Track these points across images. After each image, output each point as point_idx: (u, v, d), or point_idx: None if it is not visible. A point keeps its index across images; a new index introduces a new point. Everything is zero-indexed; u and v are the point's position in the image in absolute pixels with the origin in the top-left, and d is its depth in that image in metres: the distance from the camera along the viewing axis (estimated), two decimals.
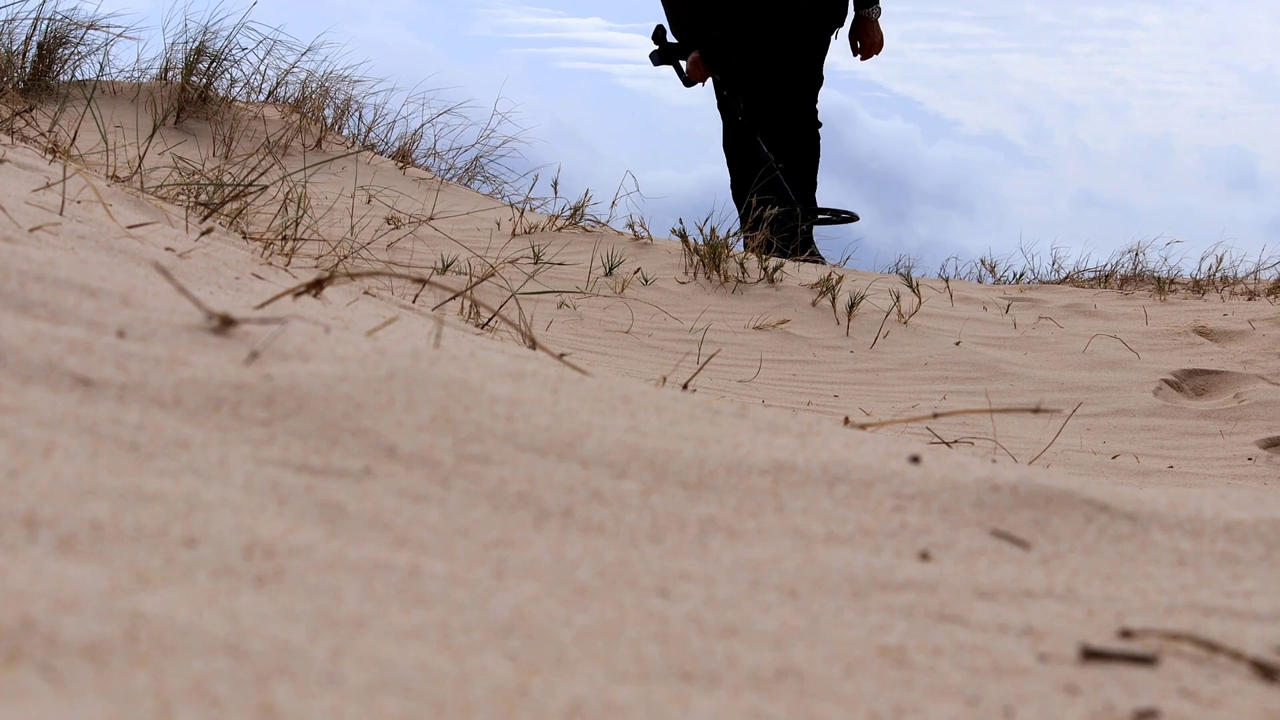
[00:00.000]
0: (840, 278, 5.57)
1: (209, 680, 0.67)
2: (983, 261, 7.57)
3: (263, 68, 7.37)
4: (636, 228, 6.11)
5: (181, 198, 3.29)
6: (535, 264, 5.28)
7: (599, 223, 6.25)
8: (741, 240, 6.70)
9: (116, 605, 0.74)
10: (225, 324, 1.38)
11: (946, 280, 6.54)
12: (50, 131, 3.65)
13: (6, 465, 0.93)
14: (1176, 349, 5.31)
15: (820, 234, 8.61)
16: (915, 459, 1.32)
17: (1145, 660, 0.93)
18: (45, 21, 6.61)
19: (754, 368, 4.51)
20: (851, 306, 5.25)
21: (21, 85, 6.39)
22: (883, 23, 7.38)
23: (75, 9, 8.81)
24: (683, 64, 7.37)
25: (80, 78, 6.78)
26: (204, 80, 6.81)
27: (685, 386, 2.21)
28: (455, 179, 7.50)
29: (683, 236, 5.75)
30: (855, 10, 7.28)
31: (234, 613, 0.77)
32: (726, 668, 0.83)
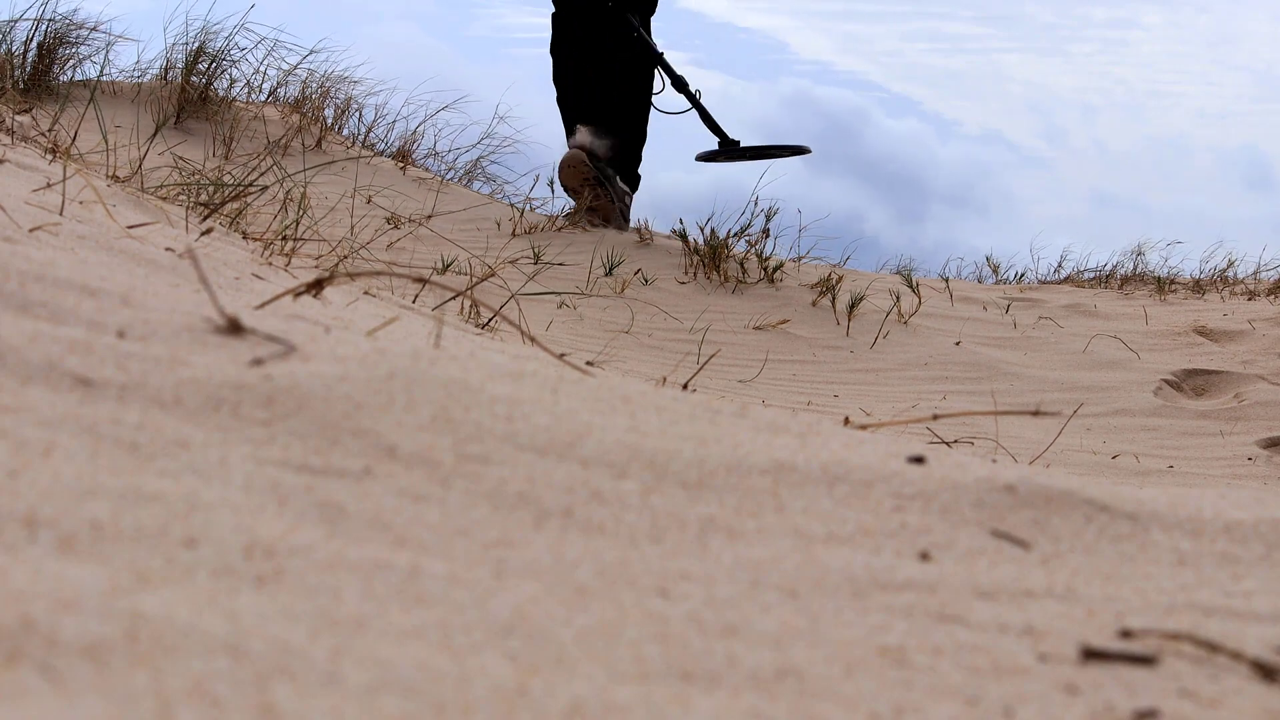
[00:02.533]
0: (840, 278, 5.57)
1: (209, 680, 0.67)
2: (987, 260, 7.57)
3: (263, 68, 7.37)
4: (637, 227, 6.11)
5: (181, 198, 3.29)
6: (535, 264, 5.28)
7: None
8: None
9: (116, 605, 0.74)
10: (234, 329, 1.38)
11: (946, 280, 6.54)
12: (50, 131, 3.65)
13: (6, 465, 0.93)
14: (1176, 349, 5.31)
15: (823, 233, 8.48)
16: (918, 459, 1.32)
17: (1145, 660, 0.93)
18: (45, 23, 6.61)
19: (754, 368, 4.51)
20: (852, 307, 5.25)
21: (22, 85, 6.39)
22: (881, 22, 7.19)
23: (76, 10, 8.82)
24: None
25: (80, 78, 6.78)
26: (204, 80, 6.80)
27: (685, 386, 2.21)
28: (455, 179, 7.50)
29: (682, 237, 5.75)
30: None
31: (234, 613, 0.77)
32: (726, 668, 0.83)
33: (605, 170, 6.26)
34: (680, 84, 6.46)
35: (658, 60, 6.45)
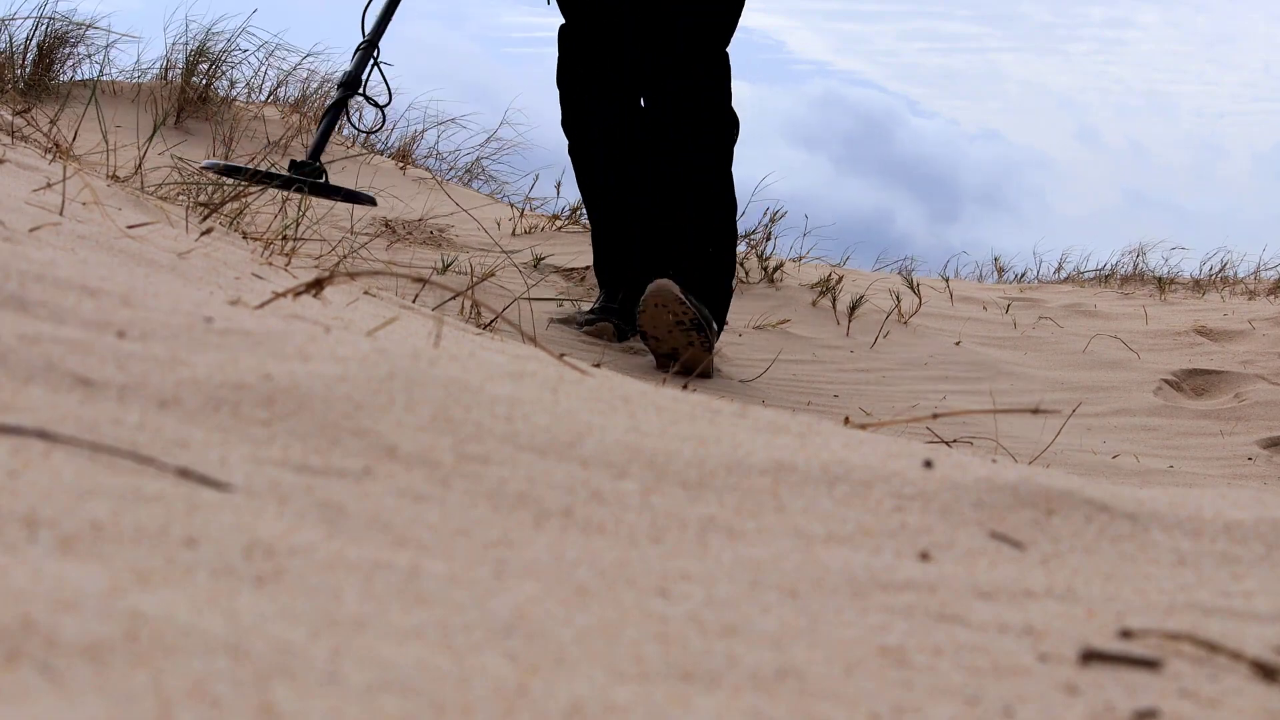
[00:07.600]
0: (841, 278, 5.57)
1: (209, 680, 0.67)
2: (995, 260, 7.58)
3: (263, 69, 7.37)
4: None
5: (182, 198, 3.29)
6: (535, 265, 5.27)
7: None
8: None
9: (116, 605, 0.74)
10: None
11: (947, 280, 6.54)
12: (50, 132, 3.65)
13: (6, 465, 0.93)
14: (1176, 349, 5.31)
15: (826, 233, 8.42)
16: (927, 463, 1.32)
17: (1148, 664, 0.93)
18: (46, 22, 6.61)
19: (754, 368, 4.51)
20: (853, 308, 5.25)
21: (21, 85, 6.39)
22: (878, 22, 6.91)
23: (75, 9, 8.83)
24: None
25: (80, 78, 6.78)
26: (204, 80, 6.80)
27: (685, 386, 2.21)
28: (456, 179, 7.50)
29: None
30: None
31: (234, 613, 0.77)
32: (726, 668, 0.83)
33: (703, 310, 4.15)
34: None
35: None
